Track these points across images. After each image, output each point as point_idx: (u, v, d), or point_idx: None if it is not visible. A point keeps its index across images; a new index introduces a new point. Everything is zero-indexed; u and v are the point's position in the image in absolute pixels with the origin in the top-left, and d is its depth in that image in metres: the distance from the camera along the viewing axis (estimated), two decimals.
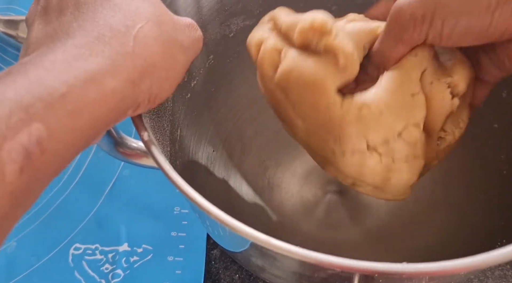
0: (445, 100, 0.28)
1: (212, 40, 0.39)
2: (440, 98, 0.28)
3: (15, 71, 0.20)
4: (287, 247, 0.22)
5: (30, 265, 0.43)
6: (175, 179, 0.25)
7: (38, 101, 0.19)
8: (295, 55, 0.29)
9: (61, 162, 0.21)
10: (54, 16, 0.24)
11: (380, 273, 0.22)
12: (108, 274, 0.42)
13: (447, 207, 0.41)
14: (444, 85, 0.28)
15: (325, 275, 0.27)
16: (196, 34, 0.28)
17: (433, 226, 0.41)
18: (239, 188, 0.44)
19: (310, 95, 0.28)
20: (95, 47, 0.22)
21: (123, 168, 0.48)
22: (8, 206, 0.19)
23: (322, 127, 0.28)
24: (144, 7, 0.24)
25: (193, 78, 0.39)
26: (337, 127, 0.27)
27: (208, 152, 0.42)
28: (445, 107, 0.28)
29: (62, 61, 0.21)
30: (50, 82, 0.20)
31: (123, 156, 0.34)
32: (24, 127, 0.18)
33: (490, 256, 0.22)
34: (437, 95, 0.28)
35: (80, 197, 0.46)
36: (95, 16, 0.23)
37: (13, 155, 0.18)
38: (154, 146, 0.27)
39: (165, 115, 0.34)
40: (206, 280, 0.42)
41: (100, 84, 0.21)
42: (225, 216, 0.24)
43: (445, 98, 0.28)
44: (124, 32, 0.23)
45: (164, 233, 0.44)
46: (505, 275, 0.41)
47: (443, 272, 0.22)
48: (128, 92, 0.23)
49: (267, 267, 0.31)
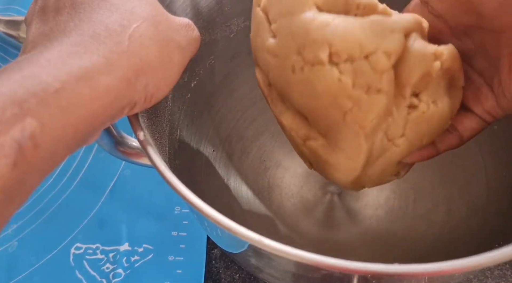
0: (426, 57, 0.26)
1: (212, 41, 0.39)
2: (422, 53, 0.26)
3: (10, 69, 0.20)
4: (286, 249, 0.22)
5: (31, 264, 0.43)
6: (170, 179, 0.25)
7: (32, 97, 0.19)
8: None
9: (54, 158, 0.21)
10: (51, 16, 0.24)
11: (379, 274, 0.22)
12: (109, 274, 0.42)
13: (446, 209, 0.41)
14: (430, 47, 0.26)
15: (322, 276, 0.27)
16: (193, 34, 0.28)
17: (432, 227, 0.41)
18: (239, 188, 0.44)
19: (288, 2, 0.26)
20: (90, 45, 0.22)
21: (124, 168, 0.48)
22: (0, 201, 0.19)
23: (292, 35, 0.26)
24: (141, 7, 0.25)
25: (193, 78, 0.39)
26: (305, 33, 0.25)
27: (208, 152, 0.42)
28: (423, 62, 0.26)
29: (57, 58, 0.21)
30: (44, 78, 0.20)
31: (123, 156, 0.34)
32: (18, 122, 0.19)
33: (486, 257, 0.22)
34: (419, 50, 0.26)
35: (81, 197, 0.46)
36: (92, 16, 0.23)
37: (6, 150, 0.18)
38: (150, 145, 0.27)
39: (164, 115, 0.34)
40: (207, 279, 0.42)
41: (94, 81, 0.21)
42: (221, 217, 0.24)
43: (427, 55, 0.26)
44: (120, 32, 0.23)
45: (164, 233, 0.44)
46: (504, 274, 0.41)
47: (443, 272, 0.22)
48: (123, 90, 0.23)
49: (265, 268, 0.31)
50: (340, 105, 0.26)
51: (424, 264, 0.22)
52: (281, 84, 0.28)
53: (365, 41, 0.25)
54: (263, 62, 0.29)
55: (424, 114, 0.28)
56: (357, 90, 0.25)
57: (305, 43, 0.26)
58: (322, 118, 0.27)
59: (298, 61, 0.26)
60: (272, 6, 0.28)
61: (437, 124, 0.29)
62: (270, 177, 0.46)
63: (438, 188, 0.41)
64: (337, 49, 0.25)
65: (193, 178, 0.38)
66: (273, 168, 0.46)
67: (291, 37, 0.26)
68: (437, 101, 0.28)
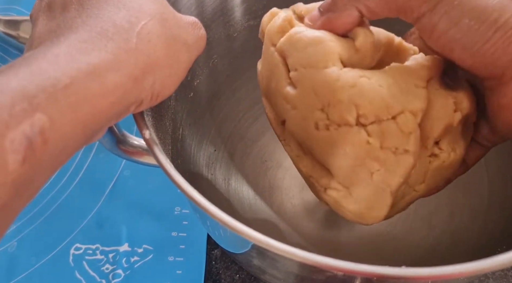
0: (447, 108, 0.26)
1: (215, 40, 0.39)
2: (443, 104, 0.26)
3: (17, 64, 0.20)
4: (291, 250, 0.22)
5: (30, 265, 0.42)
6: (176, 178, 0.25)
7: (41, 92, 0.19)
8: (305, 27, 0.28)
9: (62, 155, 0.21)
10: (58, 12, 0.24)
11: (383, 277, 0.22)
12: (109, 274, 0.42)
13: (448, 212, 0.41)
14: (450, 96, 0.27)
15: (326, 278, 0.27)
16: (199, 32, 0.28)
17: (433, 230, 0.41)
18: (240, 189, 0.44)
19: (312, 51, 0.26)
20: (98, 42, 0.22)
21: (124, 168, 0.48)
22: (9, 196, 0.19)
23: (314, 90, 0.26)
24: (148, 5, 0.24)
25: (196, 77, 0.39)
26: (330, 92, 0.25)
27: (210, 152, 0.42)
28: (445, 114, 0.26)
29: (65, 54, 0.21)
30: (53, 74, 0.20)
31: (125, 154, 0.34)
32: (27, 117, 0.18)
33: (490, 261, 0.22)
34: (441, 101, 0.26)
35: (81, 197, 0.46)
36: (99, 12, 0.23)
37: (16, 145, 0.18)
38: (155, 144, 0.27)
39: (167, 114, 0.33)
40: (207, 280, 0.41)
41: (102, 78, 0.21)
42: (226, 216, 0.23)
43: (448, 106, 0.26)
44: (128, 29, 0.23)
45: (164, 233, 0.44)
46: (505, 275, 0.41)
47: (449, 276, 0.22)
48: (130, 87, 0.23)
49: (268, 269, 0.31)
50: (367, 166, 0.26)
51: (428, 268, 0.21)
52: (301, 135, 0.28)
53: (392, 102, 0.25)
54: (279, 106, 0.29)
55: (445, 163, 0.28)
56: (385, 152, 0.25)
57: (329, 103, 0.25)
58: (347, 174, 0.26)
59: (323, 119, 0.26)
60: (293, 52, 0.27)
61: (455, 168, 0.29)
62: (271, 178, 0.46)
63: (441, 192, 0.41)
64: (364, 111, 0.25)
65: (194, 178, 0.38)
66: (274, 168, 0.46)
67: (314, 92, 0.26)
68: (455, 148, 0.28)
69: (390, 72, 0.26)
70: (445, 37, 0.24)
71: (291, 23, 0.28)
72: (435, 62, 0.26)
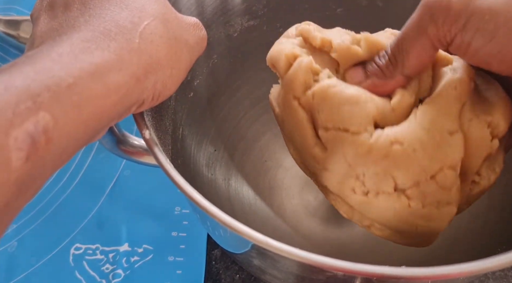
0: (484, 140, 0.25)
1: (215, 40, 0.39)
2: (479, 137, 0.25)
3: (21, 62, 0.20)
4: (291, 250, 0.22)
5: (30, 264, 0.42)
6: (176, 178, 0.25)
7: (45, 90, 0.19)
8: (336, 79, 0.27)
9: (65, 154, 0.21)
10: (60, 11, 0.24)
11: (383, 277, 0.22)
12: (109, 274, 0.42)
13: None
14: (484, 124, 0.25)
15: (325, 278, 0.27)
16: (201, 33, 0.28)
17: None
18: (240, 189, 0.44)
19: (347, 110, 0.25)
20: (101, 41, 0.22)
21: (124, 169, 0.48)
22: (12, 194, 0.19)
23: (346, 159, 0.25)
24: (150, 5, 0.25)
25: (196, 77, 0.39)
26: (363, 164, 0.25)
27: (210, 152, 0.42)
28: (483, 148, 0.25)
29: (68, 53, 0.21)
30: (56, 73, 0.20)
31: (125, 154, 0.34)
32: (31, 115, 0.19)
33: (490, 261, 0.22)
34: (476, 134, 0.25)
35: (81, 197, 0.46)
36: (102, 12, 0.23)
37: (19, 143, 0.18)
38: (155, 144, 0.27)
39: (167, 114, 0.33)
40: (207, 280, 0.41)
41: (105, 77, 0.21)
42: (226, 217, 0.23)
43: (485, 138, 0.25)
44: (130, 29, 0.23)
45: (164, 233, 0.44)
46: (506, 275, 0.41)
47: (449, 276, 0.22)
48: (132, 87, 0.23)
49: (268, 269, 0.31)
50: (412, 224, 0.25)
51: (429, 268, 0.21)
52: (336, 192, 0.27)
53: (429, 164, 0.24)
54: (307, 160, 0.28)
55: (485, 188, 0.27)
56: (427, 209, 0.25)
57: (365, 173, 0.25)
58: (392, 227, 0.26)
59: (359, 186, 0.25)
60: (325, 108, 0.26)
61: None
62: (271, 178, 0.46)
63: None
64: (402, 180, 0.24)
65: (194, 178, 0.38)
66: (274, 168, 0.46)
67: (344, 159, 0.25)
68: (495, 168, 0.27)
69: (421, 119, 0.24)
70: (481, 53, 0.23)
71: (316, 72, 0.27)
72: (463, 85, 0.25)
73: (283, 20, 0.42)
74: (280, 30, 0.42)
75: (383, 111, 0.25)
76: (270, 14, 0.41)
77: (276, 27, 0.42)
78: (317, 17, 0.43)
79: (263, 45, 0.43)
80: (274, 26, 0.42)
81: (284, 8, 0.41)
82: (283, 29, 0.42)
